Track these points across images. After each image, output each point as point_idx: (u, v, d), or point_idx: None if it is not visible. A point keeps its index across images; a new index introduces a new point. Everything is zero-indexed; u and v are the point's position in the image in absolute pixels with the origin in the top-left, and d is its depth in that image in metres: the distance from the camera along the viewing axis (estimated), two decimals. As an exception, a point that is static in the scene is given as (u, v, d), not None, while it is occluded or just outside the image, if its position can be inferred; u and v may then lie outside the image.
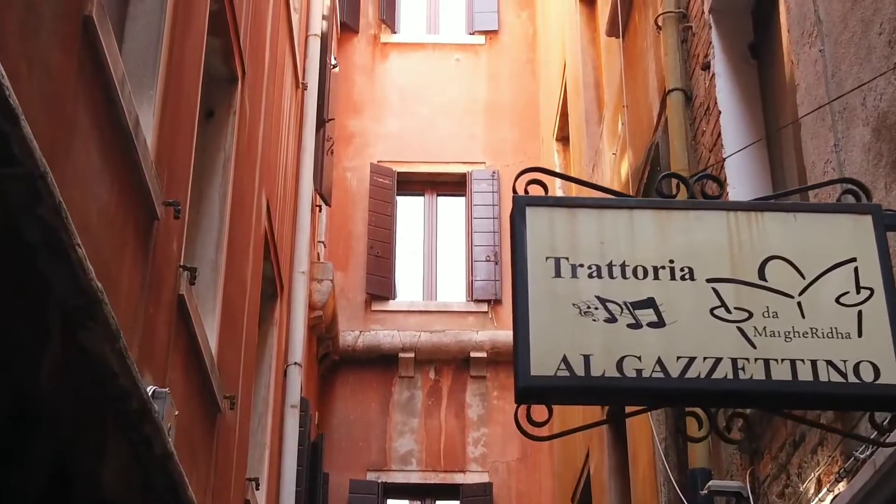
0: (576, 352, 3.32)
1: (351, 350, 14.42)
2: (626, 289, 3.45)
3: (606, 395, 3.45)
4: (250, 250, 8.26)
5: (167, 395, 5.04)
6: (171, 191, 5.49)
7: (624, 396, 3.48)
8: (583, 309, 3.40)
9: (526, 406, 3.33)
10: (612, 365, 3.33)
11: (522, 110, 16.00)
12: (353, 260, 15.04)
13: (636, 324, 3.40)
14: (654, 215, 3.57)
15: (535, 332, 3.33)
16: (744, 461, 5.94)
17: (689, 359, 3.37)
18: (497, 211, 15.31)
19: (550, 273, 3.44)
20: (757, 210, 3.63)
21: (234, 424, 7.62)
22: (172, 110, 5.62)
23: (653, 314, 3.42)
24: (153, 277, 5.21)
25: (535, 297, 3.39)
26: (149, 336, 5.15)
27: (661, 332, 3.40)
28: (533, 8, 16.64)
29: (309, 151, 11.37)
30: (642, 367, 3.34)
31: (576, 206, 3.58)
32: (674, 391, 3.37)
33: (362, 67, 16.28)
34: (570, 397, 3.50)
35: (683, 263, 3.51)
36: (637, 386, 3.32)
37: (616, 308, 3.42)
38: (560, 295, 3.42)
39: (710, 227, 3.57)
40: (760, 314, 3.47)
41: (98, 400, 4.20)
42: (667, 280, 3.48)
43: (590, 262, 3.47)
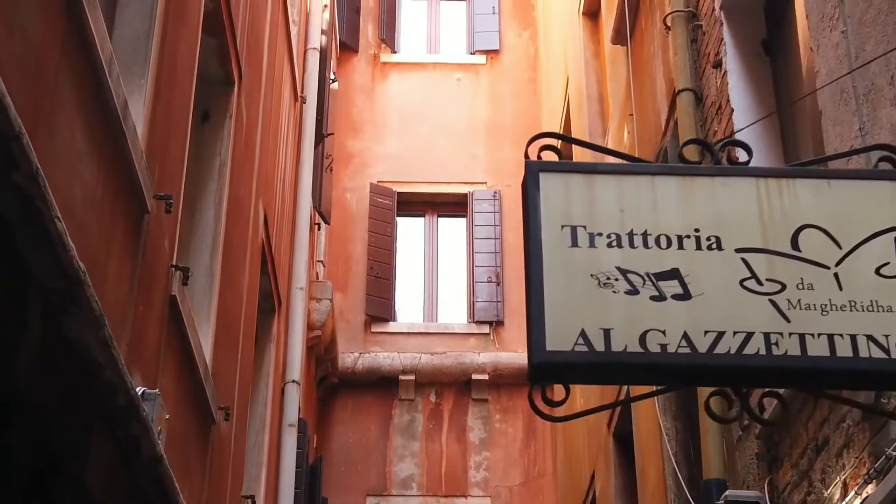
0: (595, 325, 3.08)
1: (350, 372, 14.15)
2: (649, 259, 3.21)
3: (628, 371, 3.19)
4: (247, 260, 8.02)
5: (157, 396, 4.79)
6: (163, 185, 5.26)
7: (647, 373, 3.23)
8: (602, 280, 3.16)
9: (540, 386, 3.08)
10: (634, 339, 3.08)
11: (524, 130, 15.74)
12: (352, 281, 14.79)
13: (660, 296, 3.16)
14: (678, 182, 3.33)
15: (551, 305, 3.09)
16: (761, 470, 5.69)
17: (717, 333, 3.12)
18: (499, 231, 15.08)
19: (566, 242, 3.20)
20: (788, 177, 3.40)
21: (229, 438, 7.35)
22: (165, 103, 5.40)
23: (678, 286, 3.18)
24: (143, 274, 4.98)
25: (549, 268, 3.15)
26: (138, 335, 4.91)
27: (687, 305, 3.15)
28: (534, 27, 16.47)
29: (308, 166, 11.15)
30: (667, 341, 3.09)
31: (593, 172, 3.35)
32: (702, 367, 3.13)
33: (362, 87, 16.09)
34: (589, 374, 3.24)
35: (710, 232, 3.27)
36: (662, 362, 3.08)
37: (638, 279, 3.18)
38: (577, 265, 3.18)
39: (738, 195, 3.34)
40: (794, 286, 3.22)
41: (81, 394, 3.95)
42: (692, 250, 3.24)
43: (609, 231, 3.23)
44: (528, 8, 16.68)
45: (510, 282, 14.79)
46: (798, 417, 5.13)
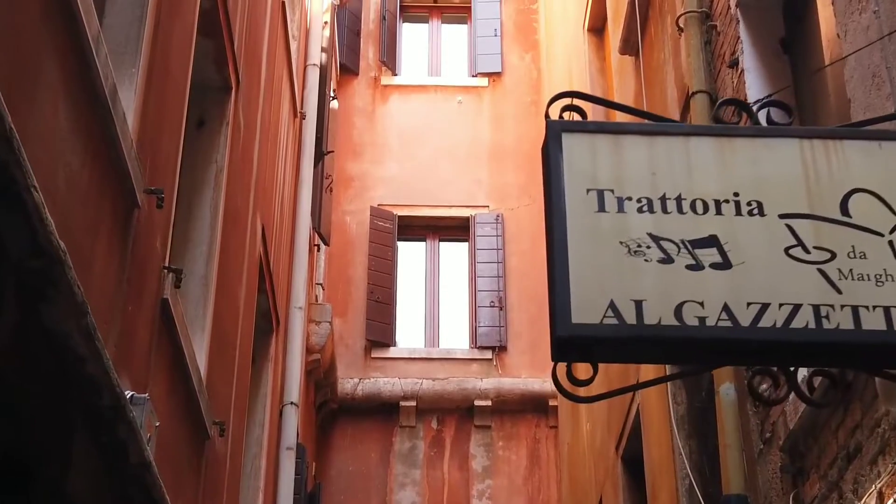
0: (625, 296, 2.80)
1: (350, 398, 13.82)
2: (684, 225, 2.94)
3: (663, 346, 2.90)
4: (244, 273, 7.75)
5: (147, 401, 4.51)
6: (155, 182, 4.99)
7: (684, 349, 2.93)
8: (632, 248, 2.88)
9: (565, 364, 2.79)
10: (669, 312, 2.80)
11: (527, 153, 15.52)
12: (352, 305, 14.49)
13: (696, 265, 2.88)
14: (715, 143, 3.06)
15: (577, 274, 2.81)
16: (785, 483, 5.38)
17: (761, 305, 2.84)
18: (501, 255, 14.81)
19: (592, 207, 2.92)
20: (836, 138, 3.12)
21: (224, 457, 7.05)
22: (158, 96, 5.14)
23: (716, 254, 2.90)
24: (133, 272, 4.70)
25: (574, 234, 2.87)
26: (127, 336, 4.62)
27: (727, 275, 2.87)
28: (536, 50, 16.26)
29: (307, 184, 10.89)
30: (705, 314, 2.81)
31: (621, 133, 3.07)
32: (744, 342, 2.84)
33: (362, 110, 15.85)
34: (619, 350, 2.94)
35: (751, 197, 3.00)
36: (700, 336, 2.79)
37: (672, 247, 2.90)
38: (605, 232, 2.90)
39: (780, 157, 3.06)
40: (845, 255, 2.94)
41: (62, 391, 3.67)
42: (731, 215, 2.97)
43: (639, 195, 2.96)
44: (531, 31, 16.48)
45: (513, 306, 14.51)
46: (827, 424, 4.84)
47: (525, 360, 14.26)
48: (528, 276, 14.67)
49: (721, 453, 5.91)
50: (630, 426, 9.11)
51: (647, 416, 8.51)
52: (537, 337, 14.31)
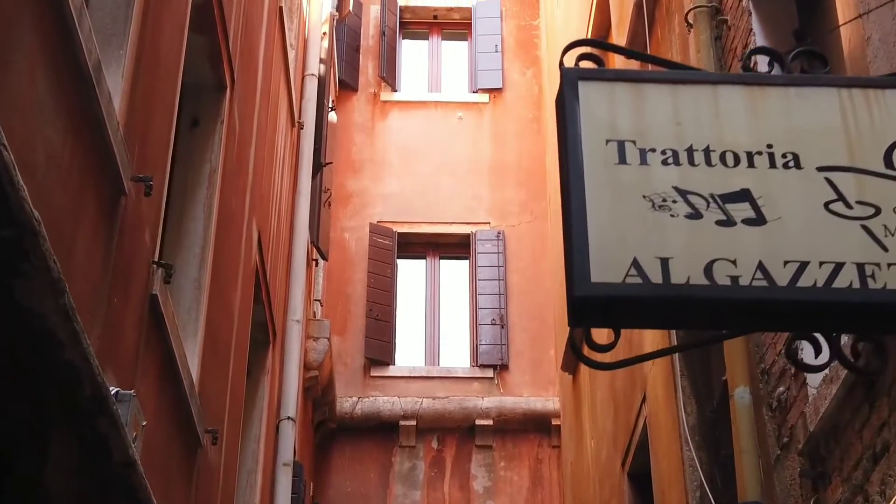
0: (650, 254, 2.56)
1: (349, 417, 13.54)
2: (713, 178, 2.70)
3: (692, 308, 2.65)
4: (239, 279, 7.51)
5: (133, 398, 4.25)
6: (144, 170, 4.75)
7: (716, 310, 2.68)
8: (657, 202, 2.65)
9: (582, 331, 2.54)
10: (698, 270, 2.56)
11: (529, 169, 15.33)
12: (351, 323, 14.23)
13: (728, 220, 2.64)
14: (746, 92, 2.82)
15: (596, 230, 2.57)
16: (805, 489, 5.12)
17: (800, 263, 2.60)
18: (503, 272, 14.57)
19: (612, 159, 2.69)
20: (876, 87, 2.89)
21: (217, 467, 6.79)
22: (147, 84, 4.91)
23: (749, 209, 2.66)
24: (119, 263, 4.46)
25: (593, 188, 2.63)
26: (112, 330, 4.38)
27: (762, 231, 2.63)
28: (538, 66, 16.07)
29: (305, 195, 10.67)
30: (738, 273, 2.57)
31: (643, 81, 2.83)
32: (783, 303, 2.59)
33: (362, 126, 15.64)
34: (643, 312, 2.69)
35: (786, 149, 2.76)
36: (733, 297, 2.55)
37: (700, 201, 2.66)
38: (626, 185, 2.66)
39: (817, 108, 2.83)
40: (891, 209, 2.70)
41: (38, 378, 3.42)
42: (765, 168, 2.73)
43: (664, 147, 2.72)
44: (532, 47, 16.30)
45: (515, 324, 14.25)
46: (850, 424, 4.58)
47: (527, 378, 14.00)
48: (530, 293, 14.44)
49: (736, 460, 5.65)
50: (637, 440, 8.85)
51: (654, 428, 8.25)
52: (539, 355, 14.07)
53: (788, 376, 5.30)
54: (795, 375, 5.20)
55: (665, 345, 7.43)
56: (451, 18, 16.75)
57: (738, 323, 2.78)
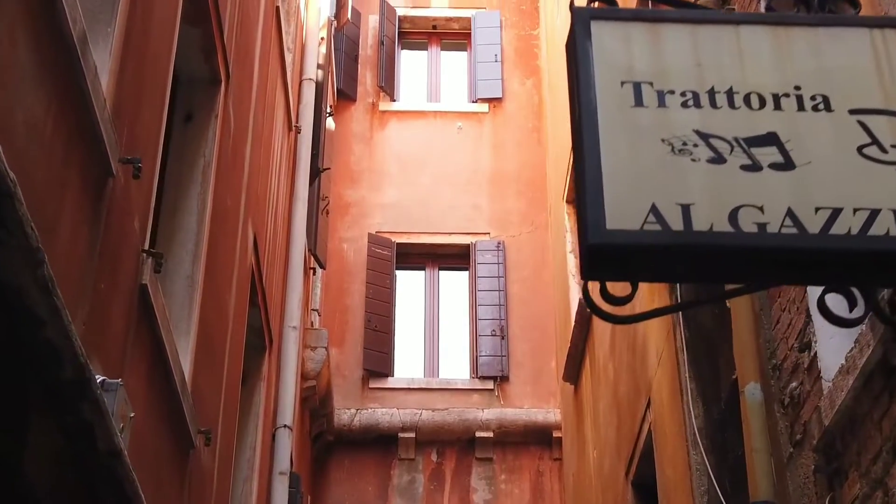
0: (670, 200, 2.38)
1: (347, 429, 13.33)
2: (737, 121, 2.52)
3: (715, 257, 2.46)
4: (234, 280, 7.32)
5: (120, 387, 4.06)
6: (133, 152, 4.57)
7: (742, 259, 2.49)
8: (676, 146, 2.46)
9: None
10: (722, 217, 2.38)
11: (529, 179, 15.16)
12: (349, 335, 14.03)
13: (753, 165, 2.46)
14: (770, 33, 2.64)
15: (611, 175, 2.38)
16: (820, 487, 4.92)
17: (832, 210, 2.42)
18: (503, 283, 14.37)
19: (628, 101, 2.51)
20: (911, 27, 2.72)
21: (211, 470, 6.59)
22: (136, 63, 4.74)
23: (776, 153, 2.48)
24: (107, 247, 4.27)
25: (607, 131, 2.45)
26: (99, 316, 4.19)
27: (791, 176, 2.45)
28: (538, 75, 15.91)
29: (302, 200, 10.49)
30: (766, 219, 2.39)
31: (660, 21, 2.64)
32: (814, 251, 2.41)
33: (360, 136, 15.47)
34: (663, 262, 2.49)
35: (815, 91, 2.58)
36: (761, 244, 2.37)
37: (724, 145, 2.48)
38: (643, 128, 2.48)
39: (848, 48, 2.65)
40: (929, 154, 2.53)
41: (15, 359, 3.23)
42: (793, 111, 2.55)
43: (683, 89, 2.54)
44: (532, 56, 16.15)
45: (515, 335, 14.06)
46: (869, 416, 4.39)
47: (528, 390, 13.79)
48: (531, 304, 14.26)
49: (747, 459, 5.46)
50: (641, 448, 8.64)
51: (659, 433, 8.05)
52: (540, 366, 13.88)
53: (802, 370, 5.12)
54: (809, 369, 5.02)
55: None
56: (451, 28, 16.61)
57: (765, 274, 2.57)
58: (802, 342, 5.12)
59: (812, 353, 5.00)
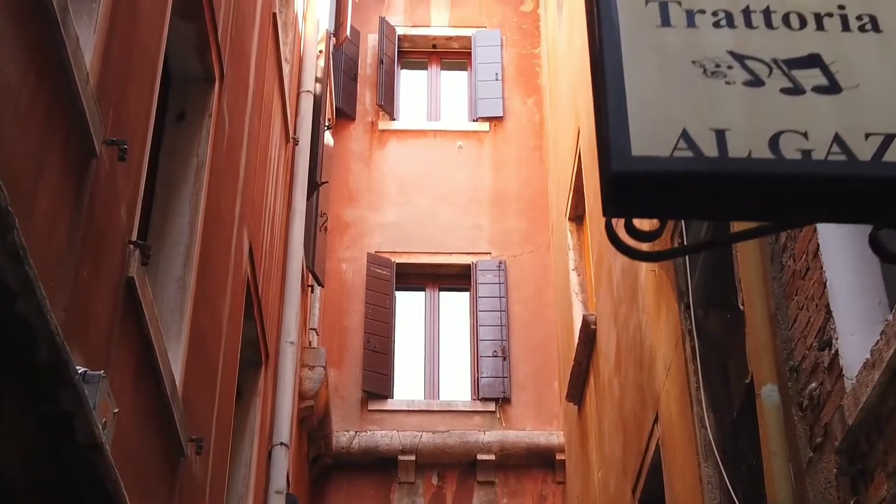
0: (702, 125, 2.14)
1: (345, 452, 13.04)
2: (775, 42, 2.28)
3: (755, 186, 2.21)
4: (228, 287, 7.08)
5: (102, 378, 3.82)
6: (118, 134, 4.34)
7: (784, 189, 2.24)
8: (709, 69, 2.23)
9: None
10: (761, 143, 2.14)
11: (530, 199, 14.94)
12: (347, 356, 13.76)
13: (795, 88, 2.23)
14: (810, -52, 2.42)
15: (636, 99, 2.14)
16: (842, 491, 4.67)
17: (885, 136, 2.18)
18: (504, 303, 14.12)
19: (654, 21, 2.27)
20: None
21: (203, 481, 6.33)
22: (122, 44, 4.52)
23: (820, 75, 2.25)
24: (90, 234, 4.04)
25: (631, 52, 2.21)
26: (80, 304, 3.95)
27: (836, 100, 2.22)
28: (539, 94, 15.73)
29: (300, 213, 10.27)
30: (810, 146, 2.15)
31: (687, -65, 2.42)
32: (867, 180, 2.16)
33: (359, 155, 15.26)
34: (695, 193, 2.23)
35: (860, 10, 2.35)
36: (806, 171, 2.13)
37: (761, 67, 2.25)
38: (671, 50, 2.24)
39: (895, -36, 2.43)
40: None
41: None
42: (837, 31, 2.32)
43: (714, 7, 2.30)
44: (533, 75, 15.97)
45: (517, 356, 13.79)
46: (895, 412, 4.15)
47: (530, 412, 13.52)
48: (533, 325, 14.01)
49: (765, 464, 5.21)
50: (649, 464, 8.39)
51: (668, 448, 7.80)
52: (542, 388, 13.61)
53: (821, 370, 4.87)
54: (830, 368, 4.77)
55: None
56: (451, 47, 16.44)
57: (812, 204, 2.31)
58: (822, 340, 4.89)
59: (833, 350, 4.76)
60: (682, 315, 7.29)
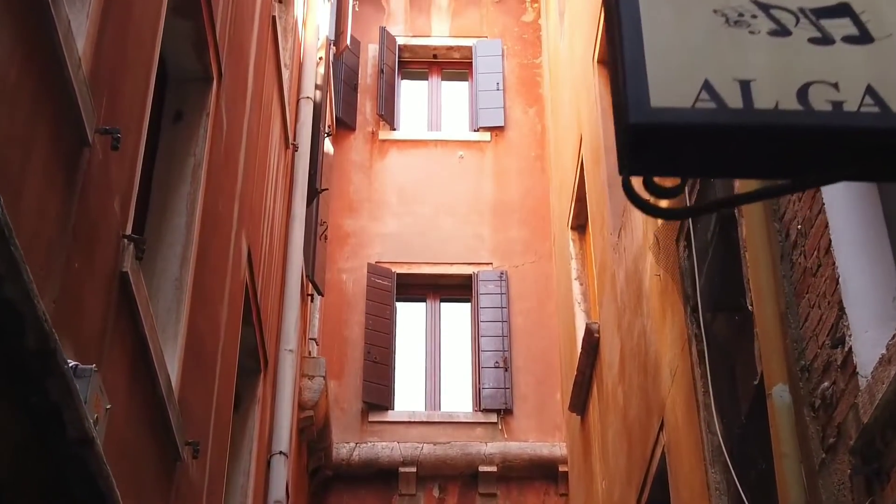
0: (726, 75, 2.01)
1: (346, 464, 12.89)
2: (800, -11, 2.17)
3: (782, 139, 2.07)
4: (226, 290, 6.95)
5: (94, 372, 3.69)
6: (112, 123, 4.23)
7: (814, 142, 2.10)
8: (731, 17, 2.10)
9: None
10: (789, 94, 2.01)
11: (532, 209, 14.82)
12: (348, 367, 13.62)
13: (824, 38, 2.10)
14: None
15: (654, 48, 2.01)
16: (857, 492, 4.53)
17: (921, 88, 2.06)
18: (506, 314, 13.99)
19: (672, -33, 2.16)
20: None
21: (200, 487, 6.19)
22: (116, 33, 4.41)
23: (850, 25, 2.13)
24: (82, 224, 3.92)
25: (649, 1, 2.10)
26: (72, 296, 3.83)
27: (869, 51, 2.09)
28: (541, 104, 15.63)
29: (299, 220, 10.15)
30: (842, 97, 2.02)
31: None
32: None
33: (359, 165, 15.15)
34: (718, 147, 2.09)
35: (892, -42, 2.24)
36: (837, 124, 2.00)
37: (788, 17, 2.13)
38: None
39: None
40: None
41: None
42: (866, -21, 2.21)
43: (736, -46, 2.19)
44: (534, 85, 15.87)
45: (519, 367, 13.66)
46: (914, 407, 4.02)
47: (532, 423, 13.37)
48: (535, 335, 13.87)
49: (776, 467, 5.07)
50: (654, 472, 8.24)
51: (674, 455, 7.66)
52: (545, 399, 13.47)
53: (834, 368, 4.74)
54: (843, 366, 4.65)
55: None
56: (451, 57, 16.35)
57: (843, 158, 2.17)
58: (835, 337, 4.76)
59: (846, 348, 4.63)
60: (689, 319, 7.16)
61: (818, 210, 4.89)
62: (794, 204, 5.19)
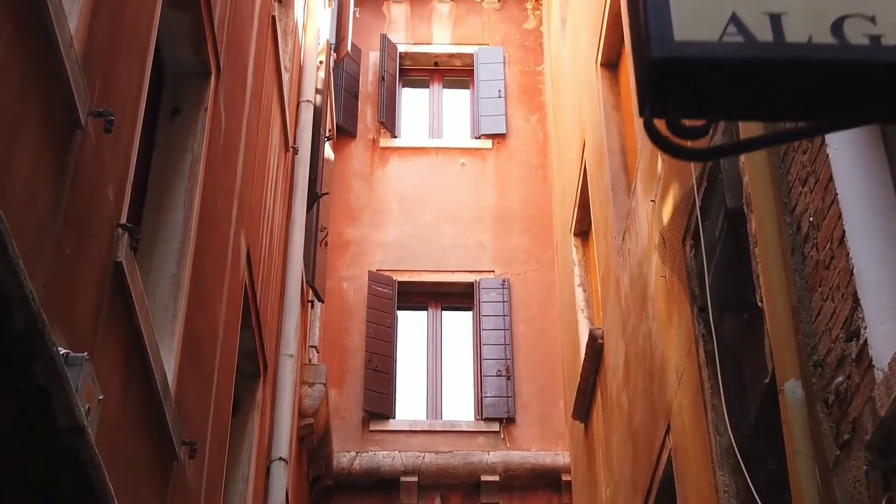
0: (754, 8, 1.88)
1: (346, 473, 12.73)
2: (833, -79, 2.04)
3: (816, 75, 1.94)
4: (224, 291, 6.83)
5: (85, 361, 3.55)
6: (105, 105, 4.10)
7: (850, 78, 1.95)
8: None
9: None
10: (823, 27, 1.88)
11: (534, 216, 14.70)
12: (348, 376, 13.48)
13: None
14: None
15: (677, -21, 1.89)
16: (874, 489, 4.39)
17: (963, 22, 1.93)
18: (508, 322, 13.85)
19: None
20: None
21: (198, 488, 6.05)
22: (110, 17, 4.29)
23: None
24: (74, 209, 3.79)
25: None
26: (63, 282, 3.70)
27: None
28: (542, 111, 15.52)
29: (299, 224, 10.02)
30: (879, 31, 1.89)
31: None
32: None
33: (360, 173, 15.03)
34: (747, 84, 1.96)
35: None
36: (875, 59, 1.86)
37: None
38: (715, -72, 2.00)
39: None
40: None
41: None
42: (903, -90, 2.08)
43: None
44: (536, 92, 15.76)
45: (521, 376, 13.51)
46: (934, 398, 3.89)
47: (535, 432, 13.22)
48: (537, 344, 13.74)
49: (789, 464, 4.93)
50: (660, 477, 8.11)
51: (681, 459, 7.52)
52: (547, 408, 13.33)
53: (849, 362, 4.61)
54: (858, 359, 4.51)
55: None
56: (453, 65, 16.25)
57: (874, 101, 2.01)
58: (849, 331, 4.62)
59: (861, 341, 4.50)
60: (696, 319, 7.03)
61: (831, 201, 4.77)
62: (806, 196, 5.06)
